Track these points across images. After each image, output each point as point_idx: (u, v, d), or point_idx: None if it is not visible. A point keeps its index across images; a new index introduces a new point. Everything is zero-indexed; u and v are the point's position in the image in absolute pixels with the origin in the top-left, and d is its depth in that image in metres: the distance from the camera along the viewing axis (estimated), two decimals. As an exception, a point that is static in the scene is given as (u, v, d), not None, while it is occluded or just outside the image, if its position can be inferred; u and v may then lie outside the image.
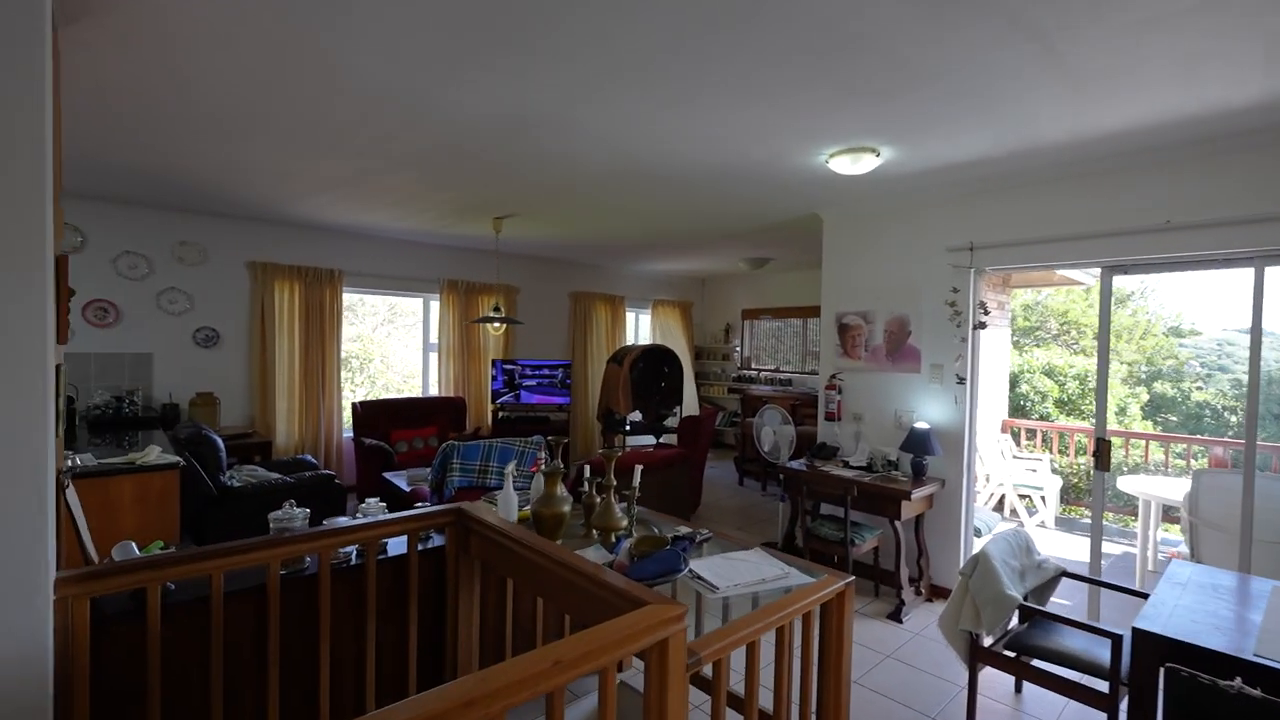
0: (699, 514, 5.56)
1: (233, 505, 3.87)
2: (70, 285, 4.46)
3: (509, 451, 3.70)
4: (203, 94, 2.59)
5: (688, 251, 6.74)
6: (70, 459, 2.97)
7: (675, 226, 5.30)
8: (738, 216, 4.83)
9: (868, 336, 4.22)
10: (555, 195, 4.21)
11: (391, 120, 2.85)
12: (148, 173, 3.86)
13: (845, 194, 4.02)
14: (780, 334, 8.32)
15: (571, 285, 7.76)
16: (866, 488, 3.62)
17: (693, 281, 9.32)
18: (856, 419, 4.28)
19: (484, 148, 3.21)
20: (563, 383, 6.86)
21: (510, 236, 5.85)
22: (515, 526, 2.08)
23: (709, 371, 9.27)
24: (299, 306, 5.57)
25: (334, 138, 3.11)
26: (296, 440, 5.57)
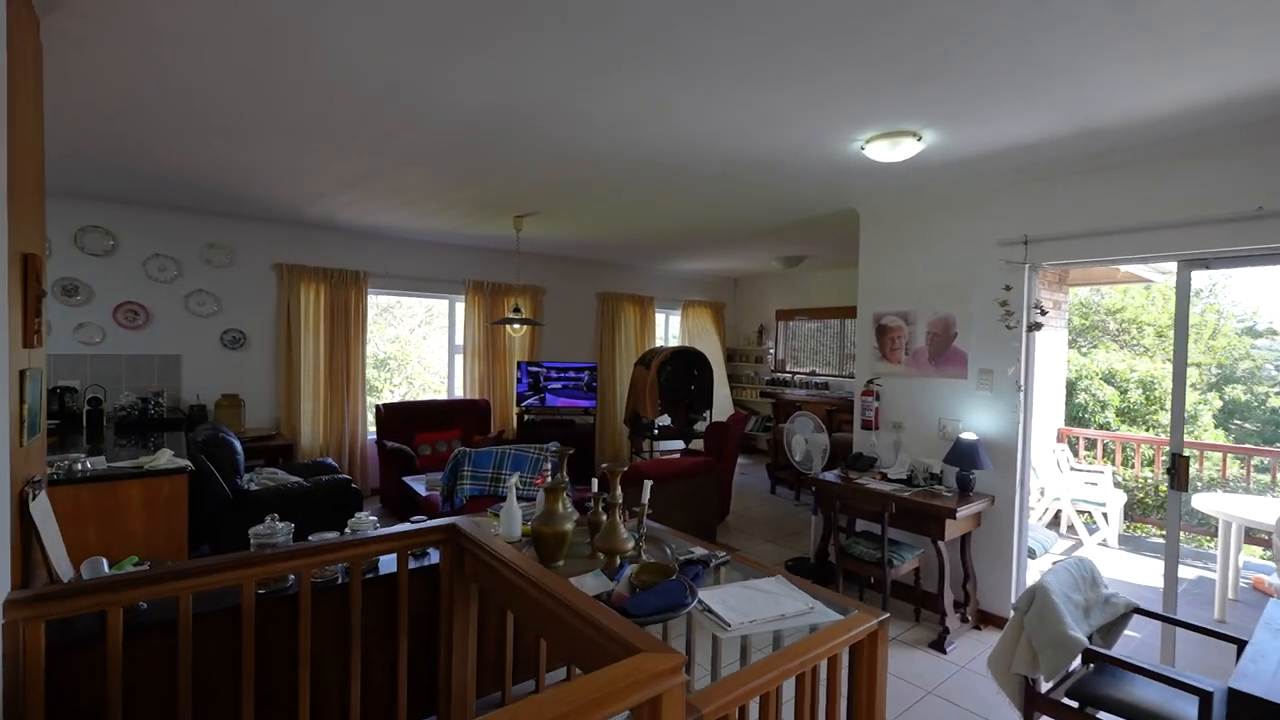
0: (727, 523, 5.31)
1: (248, 509, 3.81)
2: (98, 287, 4.53)
3: (523, 459, 3.55)
4: (193, 90, 2.51)
5: (718, 250, 6.49)
6: (80, 462, 2.94)
7: (701, 224, 5.07)
8: (767, 212, 4.57)
9: (908, 339, 3.91)
10: (572, 191, 4.04)
11: (391, 117, 2.72)
12: (169, 175, 3.86)
13: (883, 185, 3.72)
14: (816, 335, 7.98)
15: (599, 286, 7.60)
16: (906, 504, 3.32)
17: (725, 281, 9.05)
18: (896, 428, 3.97)
19: (489, 141, 3.05)
20: (589, 386, 6.70)
21: (534, 236, 5.72)
22: (506, 548, 1.90)
23: (741, 374, 8.98)
24: (324, 308, 5.56)
25: (336, 133, 3.00)
26: (321, 442, 5.56)
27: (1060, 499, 5.08)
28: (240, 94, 2.55)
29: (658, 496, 3.93)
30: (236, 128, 2.96)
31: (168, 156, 3.47)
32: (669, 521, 4.03)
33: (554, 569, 2.08)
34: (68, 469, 2.90)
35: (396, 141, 3.07)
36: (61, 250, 4.50)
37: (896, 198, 3.94)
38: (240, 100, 2.62)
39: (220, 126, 2.96)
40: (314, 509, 4.03)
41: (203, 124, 2.92)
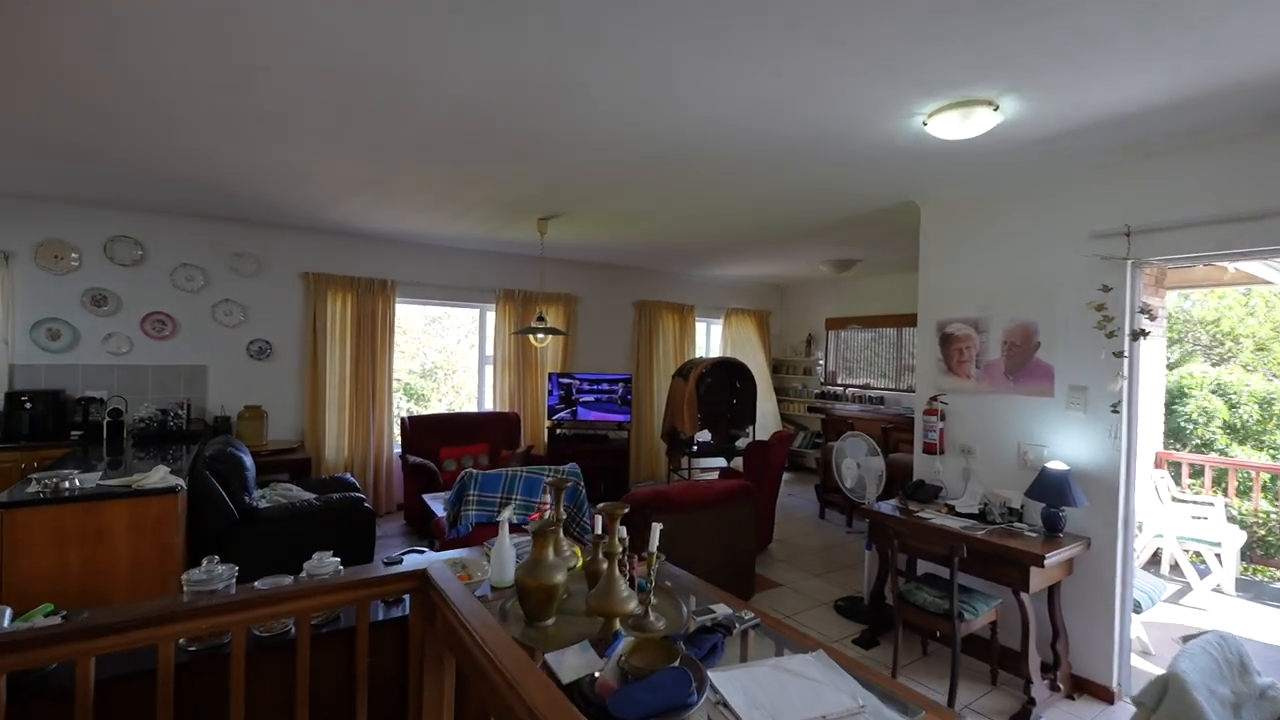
0: (770, 552, 4.82)
1: (256, 528, 3.63)
2: (126, 297, 4.48)
3: (535, 483, 3.21)
4: (157, 81, 2.30)
5: (761, 254, 6.04)
6: (68, 480, 2.78)
7: (740, 224, 4.65)
8: (813, 209, 4.11)
9: (979, 349, 3.37)
10: (595, 189, 3.71)
11: (386, 97, 2.45)
12: (184, 179, 3.75)
13: (949, 171, 3.22)
14: (870, 346, 7.38)
15: (636, 294, 7.26)
16: (980, 546, 2.80)
17: (770, 288, 8.55)
18: (965, 453, 3.43)
19: (497, 125, 2.74)
20: (623, 399, 6.34)
21: (563, 241, 5.43)
22: (473, 605, 1.54)
23: (788, 387, 8.43)
24: (351, 318, 5.42)
25: (330, 124, 2.76)
26: (346, 456, 5.40)
27: (1162, 535, 4.36)
28: (208, 79, 2.33)
29: (686, 526, 3.51)
30: (224, 127, 2.76)
31: (173, 158, 3.33)
32: (699, 556, 3.62)
33: (541, 631, 1.72)
34: (54, 487, 2.74)
35: (396, 127, 2.81)
36: (92, 260, 4.49)
37: (965, 186, 3.43)
38: (214, 89, 2.40)
39: (200, 117, 2.76)
40: (324, 528, 3.81)
41: (186, 121, 2.74)
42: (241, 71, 2.25)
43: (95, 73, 2.28)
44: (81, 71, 2.27)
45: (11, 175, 3.74)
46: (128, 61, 2.19)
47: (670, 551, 3.51)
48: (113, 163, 3.40)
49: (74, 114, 2.69)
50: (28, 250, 4.29)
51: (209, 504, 3.49)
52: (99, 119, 2.74)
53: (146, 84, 2.37)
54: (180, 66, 2.22)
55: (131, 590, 2.79)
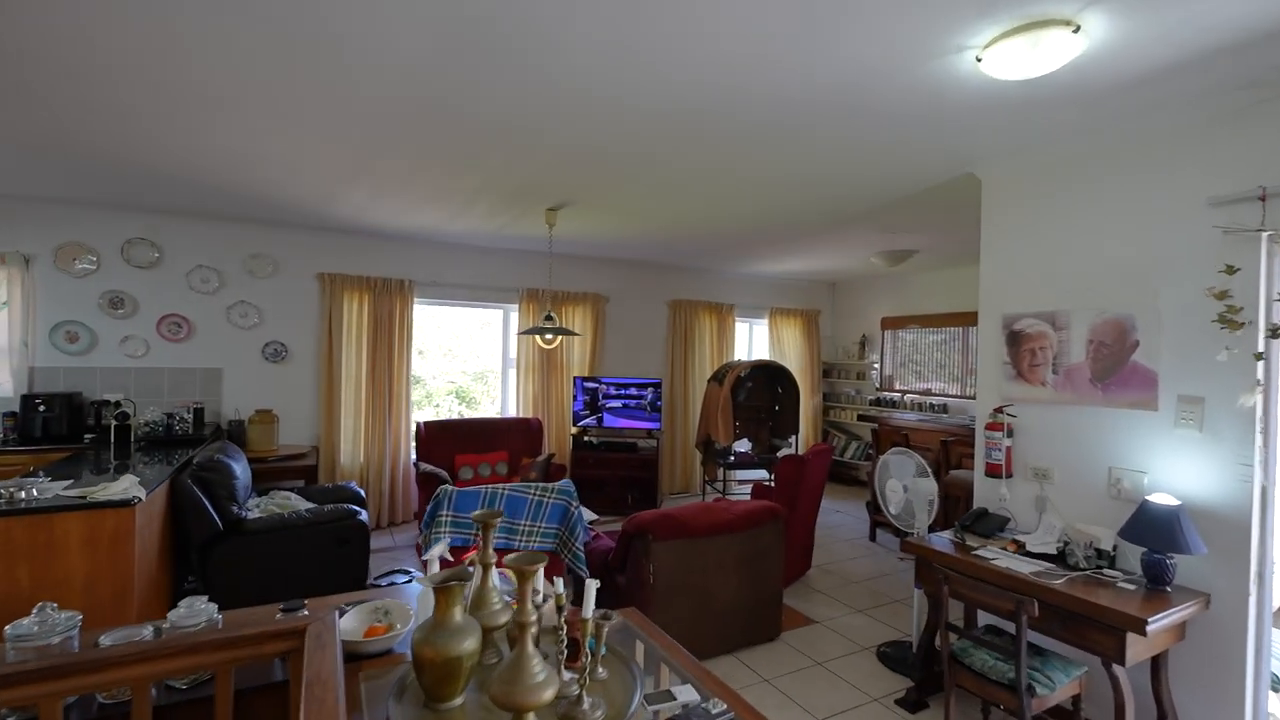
0: (808, 580, 4.26)
1: (242, 541, 3.43)
2: (143, 300, 4.43)
3: (520, 501, 2.83)
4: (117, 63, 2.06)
5: (805, 246, 5.47)
6: (26, 489, 2.62)
7: (773, 211, 4.13)
8: (854, 189, 3.56)
9: (1057, 351, 2.75)
10: (591, 172, 3.31)
11: (317, 68, 2.13)
12: (187, 178, 3.61)
13: (1015, 130, 2.63)
14: (932, 348, 6.64)
15: (670, 292, 6.81)
16: (1059, 600, 2.20)
17: (819, 286, 7.90)
18: (1039, 477, 2.81)
19: (447, 98, 2.39)
20: (652, 405, 5.91)
21: (578, 234, 5.06)
22: (328, 681, 1.15)
23: (839, 393, 7.76)
24: (367, 319, 5.25)
25: (282, 104, 2.48)
26: (362, 462, 5.23)
27: (1301, 581, 3.52)
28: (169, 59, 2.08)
29: (700, 553, 3.05)
30: (164, 97, 2.52)
31: (165, 144, 3.17)
32: (716, 588, 3.13)
33: (442, 716, 1.32)
34: (9, 497, 2.58)
35: (347, 105, 2.50)
36: (109, 263, 4.47)
37: (1035, 149, 2.81)
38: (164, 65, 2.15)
39: (143, 92, 2.54)
40: (315, 542, 3.58)
41: (152, 104, 2.52)
42: (172, 40, 1.98)
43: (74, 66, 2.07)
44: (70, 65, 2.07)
45: (31, 178, 3.72)
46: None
47: (683, 583, 3.06)
48: (83, 157, 3.28)
49: (81, 114, 2.53)
50: (48, 253, 4.30)
51: (192, 514, 3.32)
52: (80, 113, 2.58)
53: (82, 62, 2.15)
54: (105, 34, 1.97)
55: (87, 610, 2.57)
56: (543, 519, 2.85)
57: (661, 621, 2.95)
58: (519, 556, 1.27)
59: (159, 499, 3.11)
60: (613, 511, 5.78)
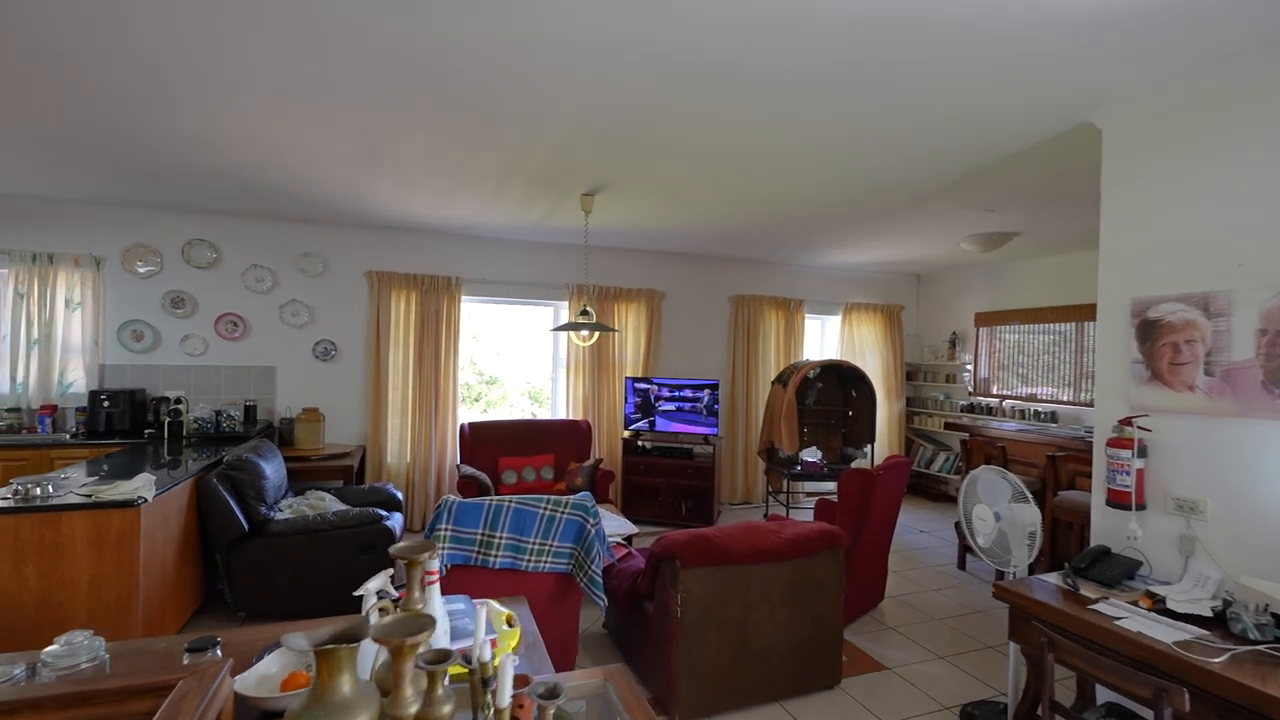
0: (880, 614, 3.68)
1: (265, 542, 3.33)
2: (202, 299, 4.51)
3: (528, 517, 2.50)
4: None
5: (883, 231, 4.84)
6: (42, 485, 2.59)
7: (836, 185, 3.59)
8: (938, 150, 2.98)
9: (1211, 345, 2.08)
10: (626, 139, 2.93)
11: (279, 28, 1.90)
12: (220, 169, 3.60)
13: (1151, 54, 2.01)
14: (1038, 347, 5.76)
15: (732, 287, 6.33)
16: (1220, 687, 1.59)
17: (902, 278, 7.13)
18: (1185, 510, 2.14)
19: (419, 59, 2.09)
20: (708, 408, 5.46)
21: (622, 222, 4.71)
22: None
23: (925, 398, 6.95)
24: (414, 317, 5.16)
25: (242, 75, 2.29)
26: (408, 462, 5.14)
27: None
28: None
29: (741, 584, 2.60)
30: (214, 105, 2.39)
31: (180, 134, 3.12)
32: (759, 625, 2.64)
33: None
34: (25, 494, 2.56)
35: (319, 74, 2.27)
36: (171, 264, 4.61)
37: (1178, 82, 2.16)
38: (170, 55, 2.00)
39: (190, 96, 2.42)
40: (339, 547, 3.44)
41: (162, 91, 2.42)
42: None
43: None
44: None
45: (102, 184, 3.86)
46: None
47: (717, 617, 2.62)
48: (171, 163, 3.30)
49: (123, 106, 2.50)
50: (116, 255, 4.48)
51: (216, 514, 3.25)
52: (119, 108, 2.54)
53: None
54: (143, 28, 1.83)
55: (92, 611, 2.53)
56: (554, 537, 2.51)
57: (691, 661, 2.53)
58: (384, 628, 0.92)
59: (178, 499, 3.05)
60: (665, 522, 5.39)
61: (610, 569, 3.09)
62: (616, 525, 3.86)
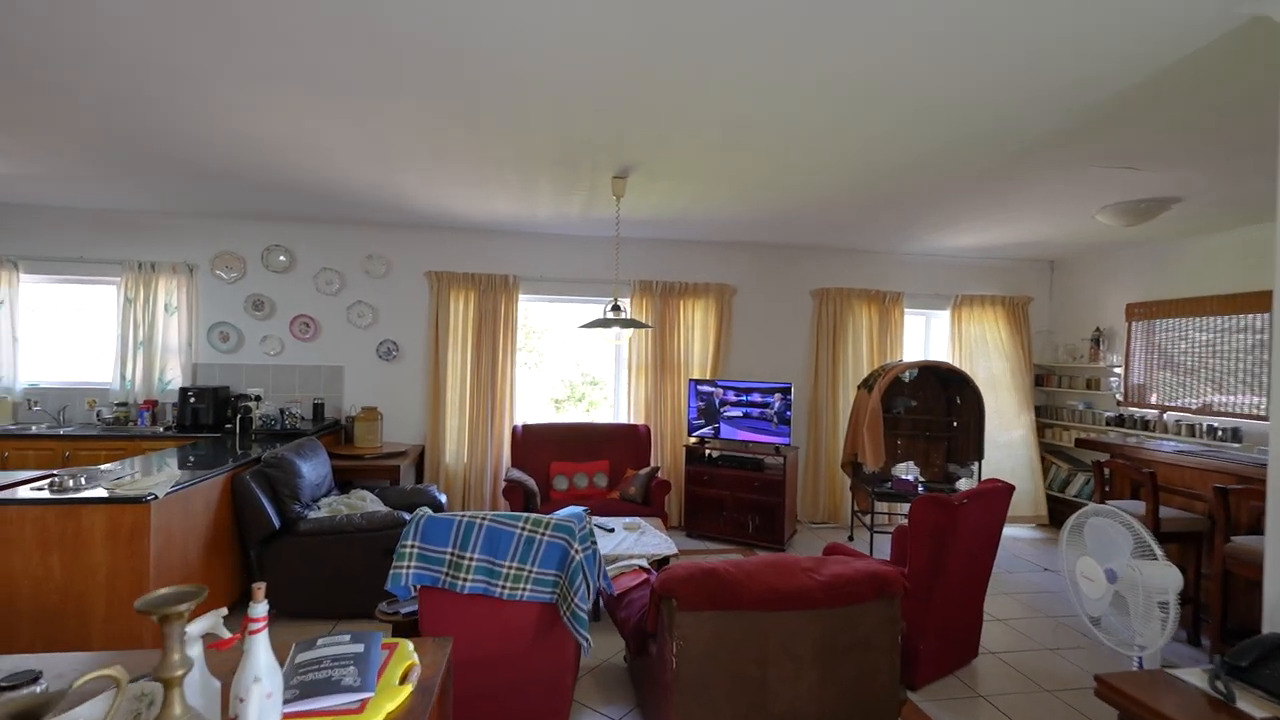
0: (970, 674, 2.95)
1: (295, 542, 3.34)
2: (279, 302, 4.75)
3: (502, 537, 2.18)
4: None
5: (998, 203, 4.01)
6: (76, 478, 2.71)
7: (926, 140, 2.94)
8: (1055, 72, 2.29)
9: None
10: (636, 118, 2.54)
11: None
12: (279, 188, 3.70)
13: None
14: (1215, 346, 4.55)
15: (814, 280, 5.67)
16: None
17: (1030, 264, 6.02)
18: None
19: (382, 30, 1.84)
20: (780, 416, 4.88)
21: (693, 213, 4.29)
22: None
23: (1060, 407, 5.81)
24: (472, 317, 5.10)
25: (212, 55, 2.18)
26: (465, 463, 5.09)
27: None
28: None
29: (760, 636, 2.12)
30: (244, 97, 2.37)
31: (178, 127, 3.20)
32: (782, 689, 2.12)
33: None
34: (59, 485, 2.69)
35: (293, 56, 2.11)
36: (253, 269, 4.90)
37: None
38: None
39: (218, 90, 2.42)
40: (366, 549, 3.38)
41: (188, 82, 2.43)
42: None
43: None
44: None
45: (196, 197, 4.19)
46: None
47: (725, 673, 2.15)
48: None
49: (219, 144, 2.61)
50: (206, 262, 4.84)
51: (248, 511, 3.30)
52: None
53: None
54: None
55: (109, 602, 2.60)
56: (533, 562, 2.18)
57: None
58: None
59: (205, 495, 3.10)
60: (730, 539, 4.89)
61: (622, 597, 2.71)
62: (653, 544, 3.47)
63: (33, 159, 3.42)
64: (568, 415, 6.15)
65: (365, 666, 1.39)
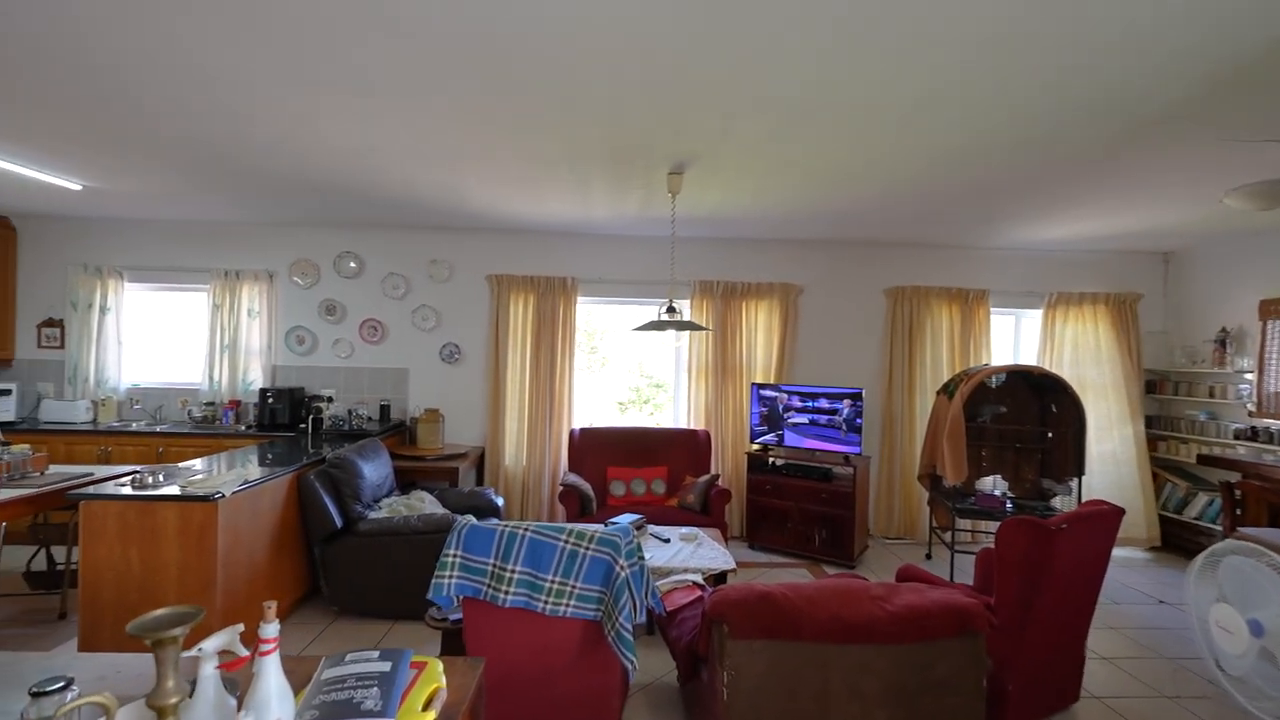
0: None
1: (354, 541, 3.40)
2: (350, 306, 4.93)
3: (545, 549, 2.08)
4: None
5: (1098, 191, 3.59)
6: (156, 475, 2.85)
7: (1007, 116, 2.63)
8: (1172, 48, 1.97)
9: None
10: (689, 101, 2.39)
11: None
12: (331, 191, 3.82)
13: None
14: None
15: (888, 278, 5.31)
16: None
17: (1140, 257, 5.39)
18: None
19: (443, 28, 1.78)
20: (849, 423, 4.57)
21: (753, 209, 4.09)
22: None
23: (1177, 418, 5.16)
24: (531, 319, 5.10)
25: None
26: (524, 465, 5.09)
27: None
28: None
29: (819, 667, 1.93)
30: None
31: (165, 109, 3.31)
32: None
33: None
34: (140, 481, 2.84)
35: (349, 55, 2.10)
36: (325, 275, 5.10)
37: None
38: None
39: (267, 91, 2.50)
40: (421, 551, 3.40)
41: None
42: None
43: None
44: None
45: (275, 207, 4.42)
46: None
47: (782, 709, 1.95)
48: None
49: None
50: (284, 269, 5.08)
51: (312, 510, 3.39)
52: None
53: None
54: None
55: (180, 596, 2.71)
56: (577, 576, 2.07)
57: (742, 764, 1.91)
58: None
59: (272, 494, 3.21)
60: (794, 552, 4.64)
61: (674, 615, 2.56)
62: (710, 557, 3.30)
63: (128, 174, 3.66)
64: (631, 419, 6.06)
65: (389, 689, 1.31)
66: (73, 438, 4.47)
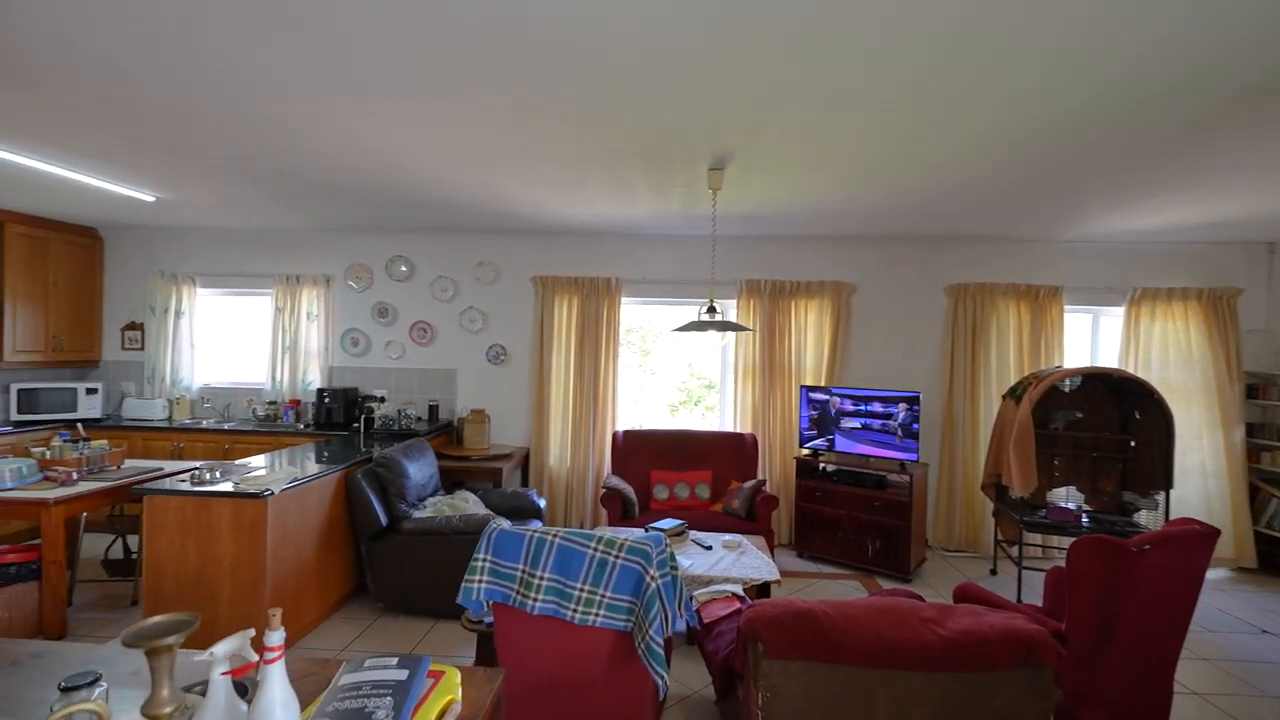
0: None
1: (398, 539, 3.46)
2: (401, 309, 5.05)
3: (575, 556, 2.02)
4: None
5: (1188, 174, 3.25)
6: (212, 471, 2.98)
7: (1073, 96, 2.40)
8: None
9: None
10: (729, 88, 2.29)
11: None
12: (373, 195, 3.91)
13: None
14: None
15: (948, 275, 5.01)
16: None
17: (1238, 248, 4.89)
18: None
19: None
20: (905, 429, 4.33)
21: (801, 204, 3.94)
22: None
23: (1277, 424, 4.64)
24: (575, 320, 5.09)
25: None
26: (568, 467, 5.08)
27: None
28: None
29: (861, 695, 1.80)
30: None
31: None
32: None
33: None
34: (198, 477, 2.97)
35: (384, 56, 2.11)
36: (378, 278, 5.25)
37: None
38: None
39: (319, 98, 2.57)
40: (462, 550, 3.42)
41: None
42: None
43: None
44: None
45: (331, 213, 4.60)
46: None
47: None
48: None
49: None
50: (340, 273, 5.26)
51: (358, 509, 3.47)
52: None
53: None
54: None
55: (233, 588, 2.82)
56: (607, 585, 2.00)
57: (779, 792, 1.80)
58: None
59: (320, 491, 3.30)
60: (846, 563, 4.44)
61: (711, 628, 2.46)
62: (753, 566, 3.17)
63: (193, 186, 3.86)
64: (681, 420, 5.97)
65: (403, 698, 1.27)
66: (150, 434, 4.76)
